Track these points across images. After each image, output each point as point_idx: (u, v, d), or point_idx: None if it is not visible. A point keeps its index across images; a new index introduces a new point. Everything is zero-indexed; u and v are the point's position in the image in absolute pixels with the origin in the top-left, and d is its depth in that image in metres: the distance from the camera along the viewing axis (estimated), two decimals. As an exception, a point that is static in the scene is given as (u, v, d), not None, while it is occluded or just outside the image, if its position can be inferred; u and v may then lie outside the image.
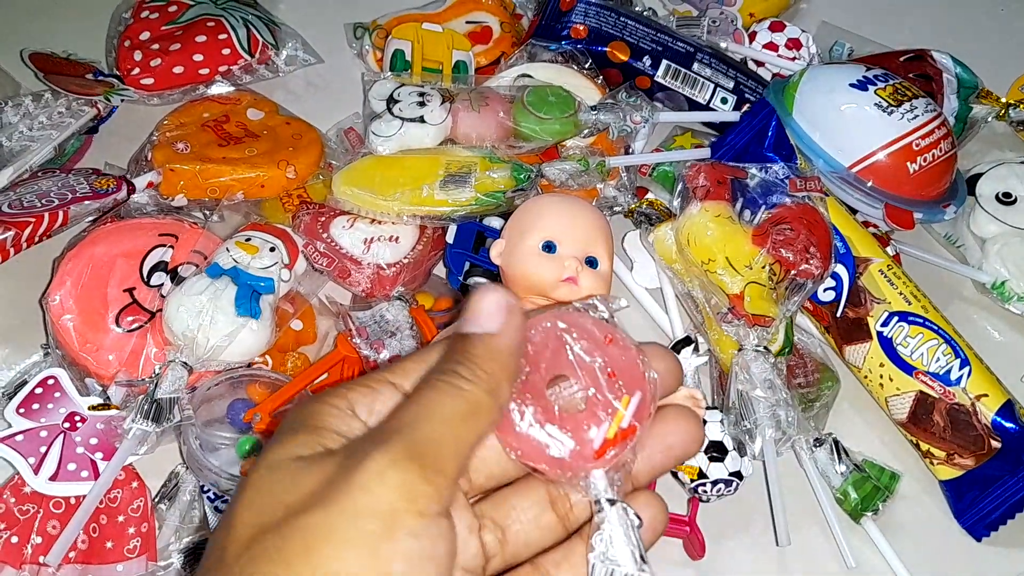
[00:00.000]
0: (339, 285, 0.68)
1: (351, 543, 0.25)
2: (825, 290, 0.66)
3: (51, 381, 0.60)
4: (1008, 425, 0.61)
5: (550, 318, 0.33)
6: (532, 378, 0.32)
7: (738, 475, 0.59)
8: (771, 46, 0.84)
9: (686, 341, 0.64)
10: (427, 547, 0.26)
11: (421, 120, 0.68)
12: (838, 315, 0.66)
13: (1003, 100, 0.82)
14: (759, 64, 0.84)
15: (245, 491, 0.28)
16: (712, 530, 0.59)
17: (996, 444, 0.61)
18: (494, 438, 0.32)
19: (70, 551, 0.55)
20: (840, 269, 0.66)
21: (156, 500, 0.58)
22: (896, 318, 0.64)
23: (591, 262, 0.55)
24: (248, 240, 0.63)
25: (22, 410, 0.59)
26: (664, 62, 0.78)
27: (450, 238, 0.66)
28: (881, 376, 0.64)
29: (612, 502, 0.32)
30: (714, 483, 0.59)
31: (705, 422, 0.60)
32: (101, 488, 0.56)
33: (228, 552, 0.27)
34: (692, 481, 0.59)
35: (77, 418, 0.59)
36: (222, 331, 0.58)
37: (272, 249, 0.63)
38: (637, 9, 0.84)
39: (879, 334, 0.65)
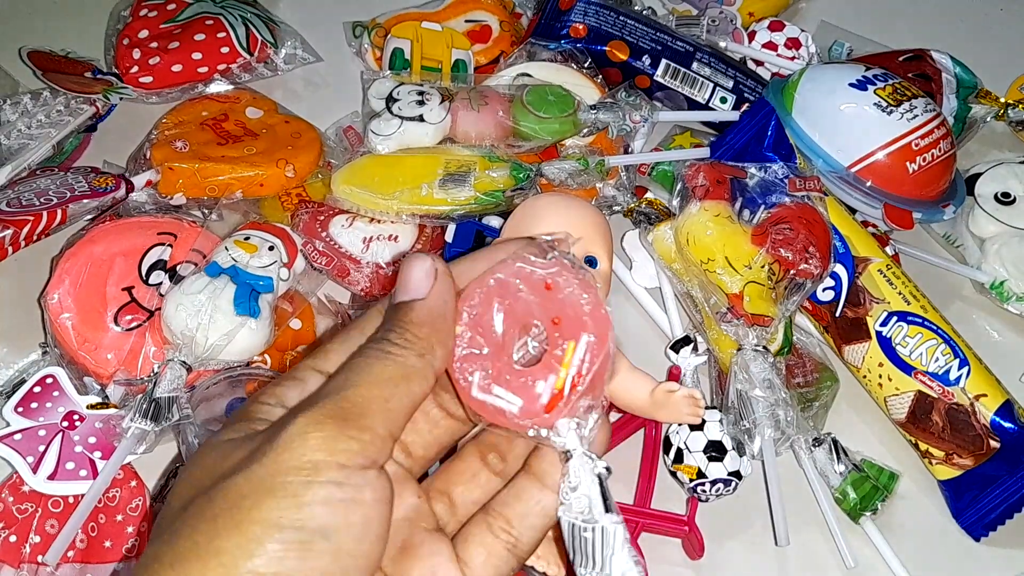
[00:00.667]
0: (338, 284, 0.68)
1: (272, 494, 0.26)
2: (824, 290, 0.66)
3: (50, 380, 0.60)
4: (1007, 425, 0.61)
5: (488, 275, 0.33)
6: (480, 340, 0.32)
7: (737, 475, 0.59)
8: (770, 45, 0.84)
9: (685, 340, 0.64)
10: (350, 493, 0.27)
11: (420, 119, 0.68)
12: (837, 315, 0.66)
13: (1002, 100, 0.82)
14: (758, 63, 0.84)
15: (182, 471, 0.29)
16: (711, 530, 0.59)
17: (995, 444, 0.61)
18: (425, 409, 0.33)
19: (68, 550, 0.55)
20: (839, 269, 0.66)
21: (155, 499, 0.58)
22: (895, 318, 0.64)
23: (590, 261, 0.55)
24: (247, 239, 0.63)
25: (20, 409, 0.59)
26: (663, 61, 0.78)
27: (449, 237, 0.66)
28: (880, 376, 0.64)
29: (574, 452, 0.31)
30: (713, 483, 0.59)
31: (704, 422, 0.60)
32: (100, 487, 0.56)
33: (162, 523, 0.28)
34: (691, 481, 0.59)
35: (76, 417, 0.59)
36: (221, 330, 0.58)
37: (271, 248, 0.63)
38: (636, 8, 0.84)
39: (878, 334, 0.65)
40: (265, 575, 0.26)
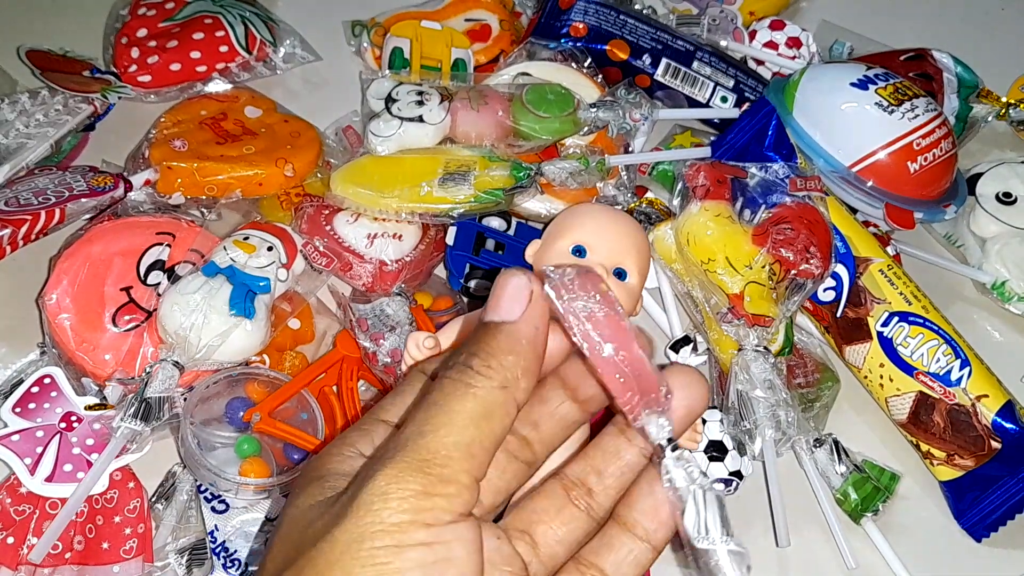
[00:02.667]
0: (339, 278, 0.67)
1: (360, 562, 0.25)
2: (825, 290, 0.66)
3: (47, 380, 0.60)
4: (1008, 426, 0.61)
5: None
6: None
7: (738, 475, 0.59)
8: (771, 44, 0.83)
9: (685, 340, 0.64)
10: (441, 552, 0.26)
11: (420, 119, 0.67)
12: (838, 315, 0.66)
13: (1003, 100, 0.82)
14: (759, 63, 0.84)
15: (270, 547, 0.28)
16: (712, 531, 0.59)
17: (996, 445, 0.61)
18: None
19: (66, 551, 0.55)
20: (840, 269, 0.66)
21: (153, 500, 0.58)
22: (896, 318, 0.64)
23: (619, 273, 0.55)
24: (246, 239, 0.63)
25: (18, 409, 0.59)
26: (664, 60, 0.78)
27: (450, 240, 0.66)
28: (881, 376, 0.64)
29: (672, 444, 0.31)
30: (714, 483, 0.59)
31: (704, 421, 0.59)
32: (87, 486, 0.55)
33: None
34: (692, 482, 0.59)
35: (73, 418, 0.59)
36: (215, 330, 0.58)
37: (270, 248, 0.62)
38: (637, 7, 0.83)
39: (879, 334, 0.64)
40: None
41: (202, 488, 0.57)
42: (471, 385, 0.28)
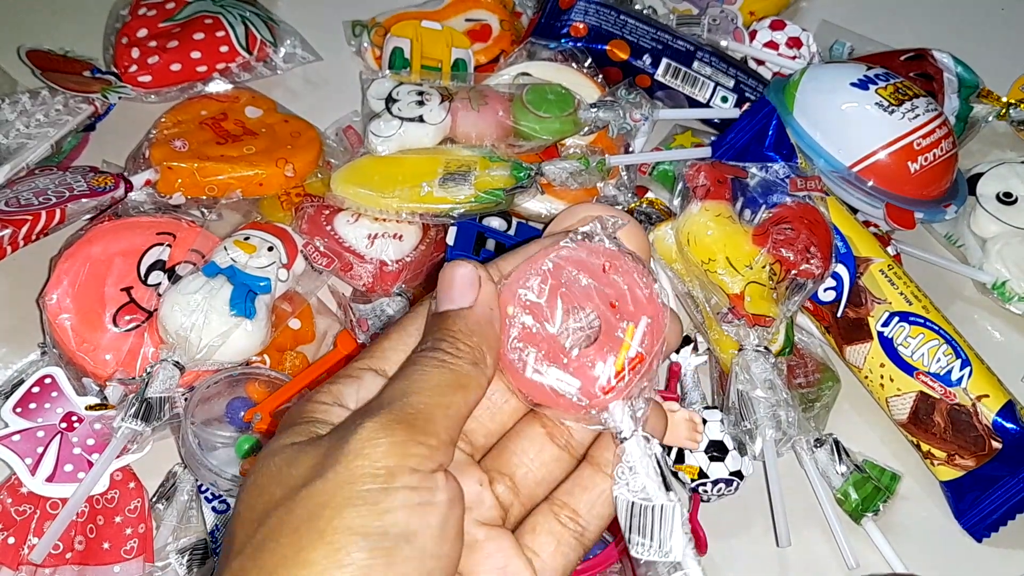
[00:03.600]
0: (340, 278, 0.67)
1: (351, 502, 0.27)
2: (826, 290, 0.66)
3: (48, 380, 0.60)
4: (1009, 426, 0.61)
5: (543, 257, 0.33)
6: (534, 322, 0.32)
7: (739, 474, 0.59)
8: (771, 44, 0.83)
9: (685, 340, 0.64)
10: (426, 496, 0.28)
11: (420, 119, 0.67)
12: (839, 315, 0.66)
13: (1004, 99, 0.82)
14: (759, 63, 0.84)
15: (249, 480, 0.30)
16: (713, 530, 0.59)
17: (997, 445, 0.61)
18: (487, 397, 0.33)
19: (66, 552, 0.55)
20: (841, 269, 0.66)
21: (154, 500, 0.58)
22: (897, 318, 0.64)
23: None
24: (247, 239, 0.63)
25: (19, 409, 0.59)
26: (664, 60, 0.78)
27: (451, 240, 0.66)
28: (882, 376, 0.64)
29: (632, 433, 0.32)
30: (715, 483, 0.59)
31: (705, 421, 0.59)
32: (88, 486, 0.55)
33: (238, 537, 0.28)
34: (693, 480, 0.59)
35: (74, 418, 0.59)
36: (215, 331, 0.58)
37: (270, 248, 0.62)
38: (637, 7, 0.83)
39: (880, 334, 0.64)
40: None
41: (203, 488, 0.57)
42: (445, 362, 0.30)
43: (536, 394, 0.32)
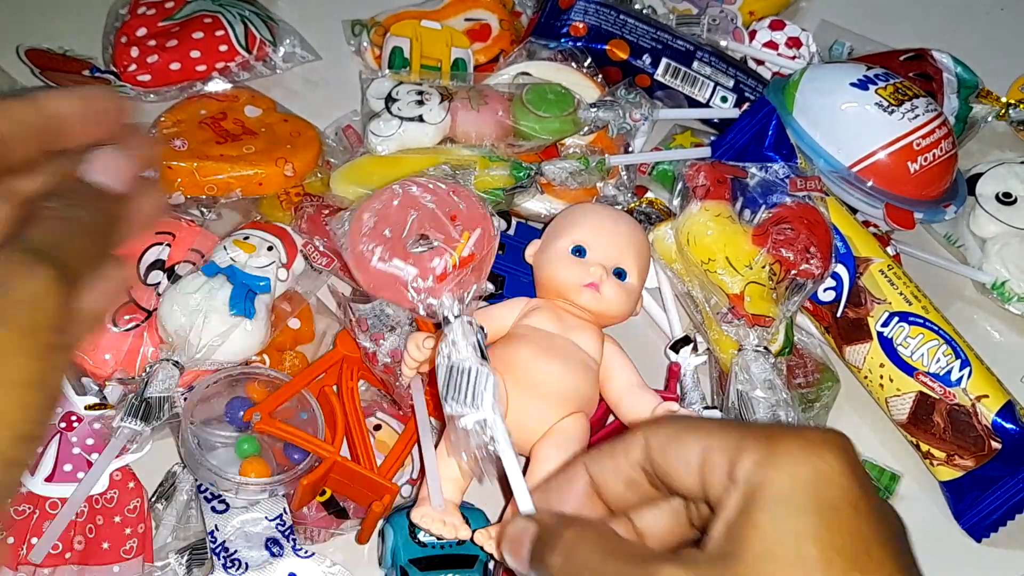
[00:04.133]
0: (339, 278, 0.67)
1: None
2: (825, 290, 0.66)
3: (47, 380, 0.60)
4: (1008, 426, 0.61)
5: (395, 184, 0.42)
6: (384, 227, 0.40)
7: (738, 476, 0.59)
8: (771, 44, 0.83)
9: (685, 340, 0.64)
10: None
11: (420, 119, 0.67)
12: (838, 315, 0.66)
13: (1003, 100, 0.82)
14: (759, 63, 0.84)
15: None
16: (712, 531, 0.59)
17: (996, 445, 0.61)
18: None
19: (66, 552, 0.55)
20: (840, 269, 0.66)
21: (153, 500, 0.58)
22: (896, 318, 0.64)
23: (619, 273, 0.54)
24: (246, 238, 0.63)
25: (18, 409, 0.58)
26: (664, 60, 0.78)
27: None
28: (881, 377, 0.64)
29: (457, 316, 0.39)
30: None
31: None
32: (87, 486, 0.55)
33: None
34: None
35: (73, 418, 0.59)
36: (215, 330, 0.58)
37: (270, 248, 0.62)
38: (637, 7, 0.83)
39: (879, 334, 0.64)
40: None
41: (202, 488, 0.57)
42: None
43: (379, 283, 0.38)
